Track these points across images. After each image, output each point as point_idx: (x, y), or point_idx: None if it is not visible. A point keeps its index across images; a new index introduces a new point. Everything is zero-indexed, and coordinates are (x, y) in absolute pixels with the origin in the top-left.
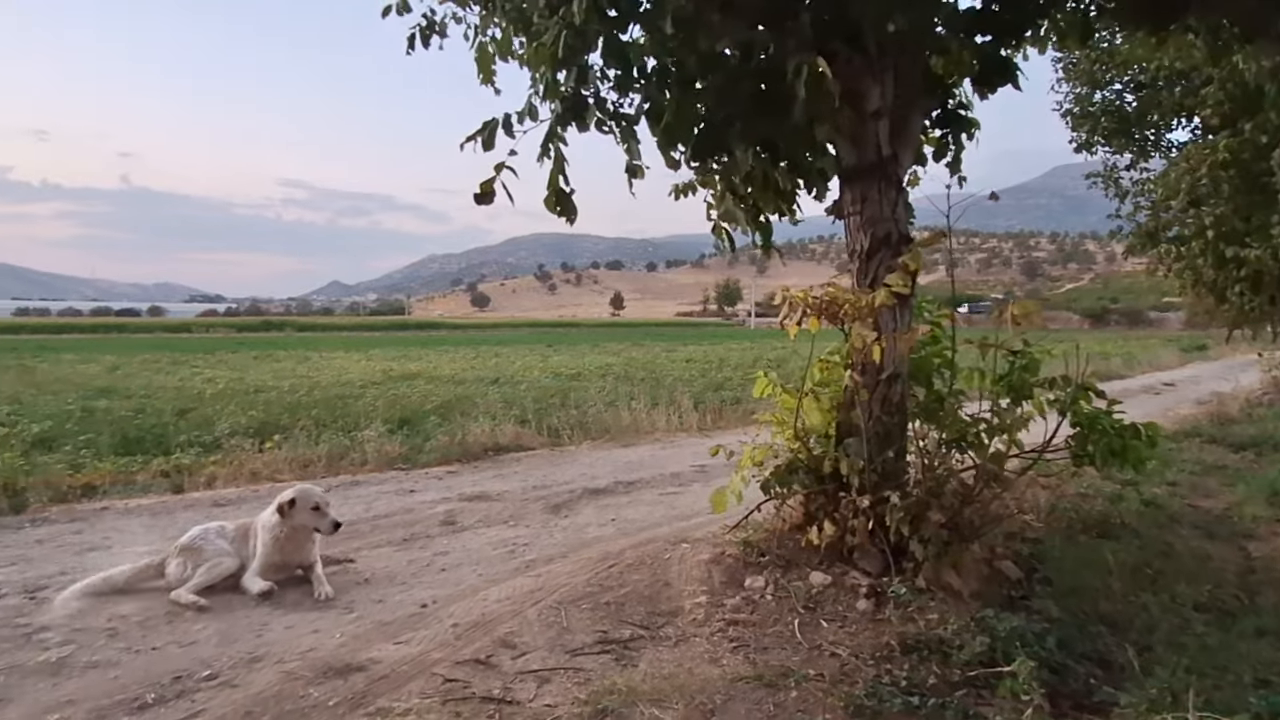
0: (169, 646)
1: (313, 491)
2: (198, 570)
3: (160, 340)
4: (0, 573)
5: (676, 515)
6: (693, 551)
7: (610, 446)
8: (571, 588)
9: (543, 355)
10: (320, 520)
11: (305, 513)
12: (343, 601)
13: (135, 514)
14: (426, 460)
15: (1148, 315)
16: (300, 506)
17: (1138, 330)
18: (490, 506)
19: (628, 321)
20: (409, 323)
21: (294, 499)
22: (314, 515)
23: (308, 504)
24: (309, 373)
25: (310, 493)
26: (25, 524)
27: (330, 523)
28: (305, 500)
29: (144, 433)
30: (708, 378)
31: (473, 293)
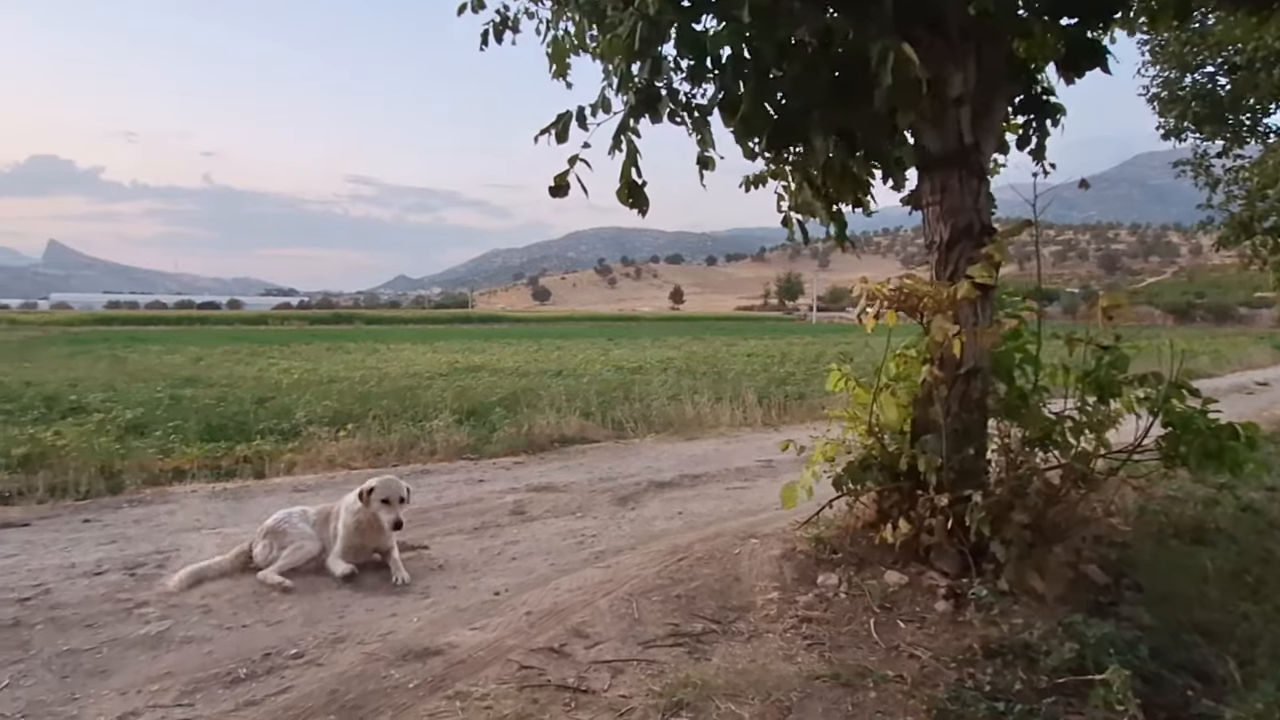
0: (258, 625)
1: (392, 485)
2: (282, 552)
3: (239, 332)
4: (102, 550)
5: (743, 510)
6: (763, 547)
7: (674, 440)
8: (642, 580)
9: (603, 349)
10: (386, 514)
11: (378, 503)
12: (419, 587)
13: (221, 497)
14: (494, 451)
15: (1236, 311)
16: (377, 496)
17: (1225, 327)
18: (558, 497)
19: (687, 315)
20: (472, 316)
21: (374, 488)
22: (384, 508)
23: (382, 495)
24: (377, 364)
25: (389, 485)
26: (123, 504)
27: (392, 520)
28: (382, 491)
29: (227, 420)
30: (770, 372)
31: (534, 286)
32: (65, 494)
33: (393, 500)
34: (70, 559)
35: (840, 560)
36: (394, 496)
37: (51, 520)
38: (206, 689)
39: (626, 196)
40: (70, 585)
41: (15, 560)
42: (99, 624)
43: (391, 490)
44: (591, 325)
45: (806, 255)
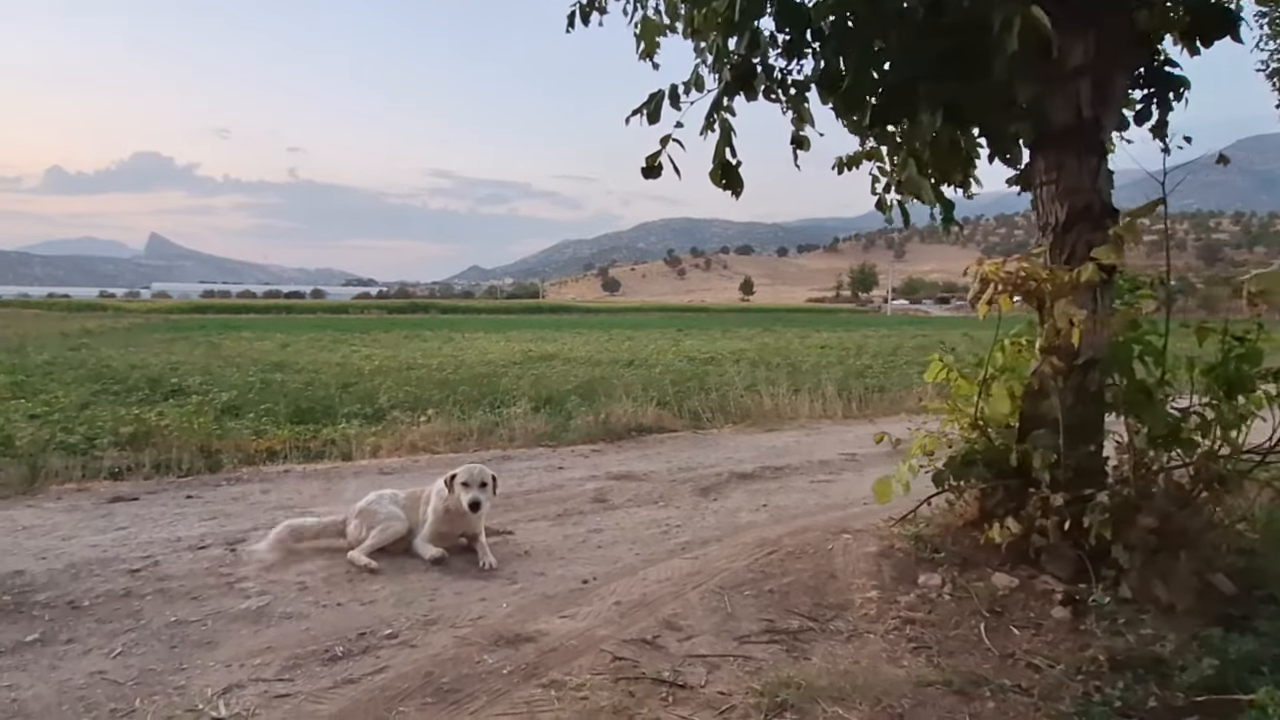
0: (352, 604)
1: (475, 471)
2: (371, 532)
3: (322, 320)
4: (204, 526)
5: (830, 504)
6: (857, 543)
7: (753, 431)
8: (732, 573)
9: (674, 339)
10: (465, 494)
11: (460, 486)
12: (506, 572)
13: (312, 477)
14: (571, 438)
15: None
16: (459, 480)
17: None
18: (639, 486)
19: (757, 307)
20: (543, 306)
21: (457, 473)
22: (464, 490)
23: (463, 480)
24: (454, 352)
25: (472, 471)
26: (222, 482)
27: (469, 499)
28: (463, 476)
29: (314, 403)
30: (846, 365)
31: (604, 277)
32: (169, 471)
33: (473, 484)
34: (176, 533)
35: (942, 560)
36: (475, 481)
37: (158, 495)
38: (305, 665)
39: (720, 177)
40: (176, 558)
41: (126, 533)
42: (203, 597)
43: (473, 475)
44: (660, 316)
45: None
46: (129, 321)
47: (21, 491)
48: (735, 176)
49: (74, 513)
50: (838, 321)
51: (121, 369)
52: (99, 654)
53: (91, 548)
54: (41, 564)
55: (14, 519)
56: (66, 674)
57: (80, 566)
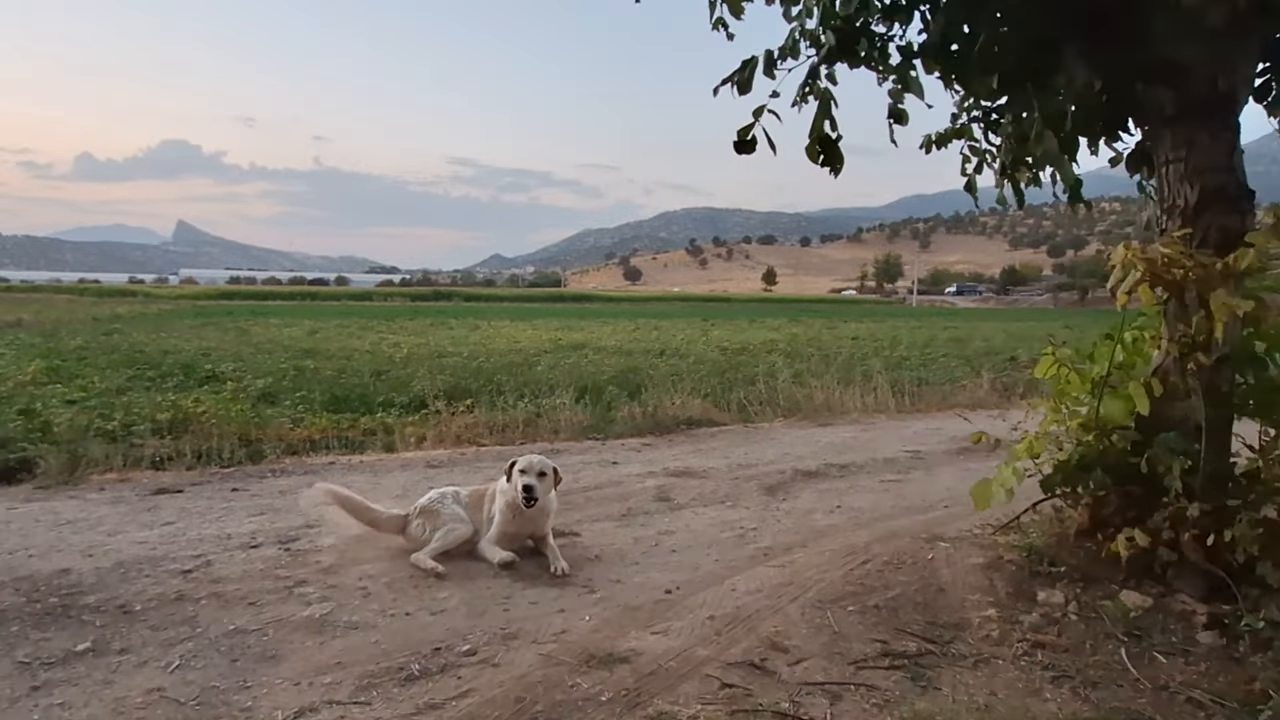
0: (420, 613)
1: (534, 461)
2: (435, 534)
3: (346, 308)
4: (254, 521)
5: (909, 507)
6: (958, 553)
7: (806, 425)
8: (828, 584)
9: (702, 329)
10: (519, 479)
11: (516, 474)
12: (580, 578)
13: (359, 470)
14: (618, 431)
15: None
16: (517, 468)
17: None
18: (701, 484)
19: (779, 297)
20: (565, 294)
21: (515, 461)
22: (521, 478)
23: (520, 468)
24: (481, 340)
25: (530, 461)
26: (267, 474)
27: (524, 484)
28: (522, 464)
29: (349, 391)
30: (881, 357)
31: (625, 266)
32: (210, 461)
33: (530, 472)
34: (225, 529)
35: (1060, 574)
36: (533, 469)
37: (202, 487)
38: (381, 685)
39: (817, 153)
40: (229, 558)
41: (174, 529)
42: (261, 602)
43: (532, 464)
44: (684, 305)
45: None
46: (158, 307)
47: (63, 481)
48: (835, 152)
49: (118, 505)
50: (863, 312)
51: (154, 354)
52: (155, 667)
53: (139, 544)
54: (89, 562)
55: (57, 512)
56: (122, 690)
57: (129, 566)
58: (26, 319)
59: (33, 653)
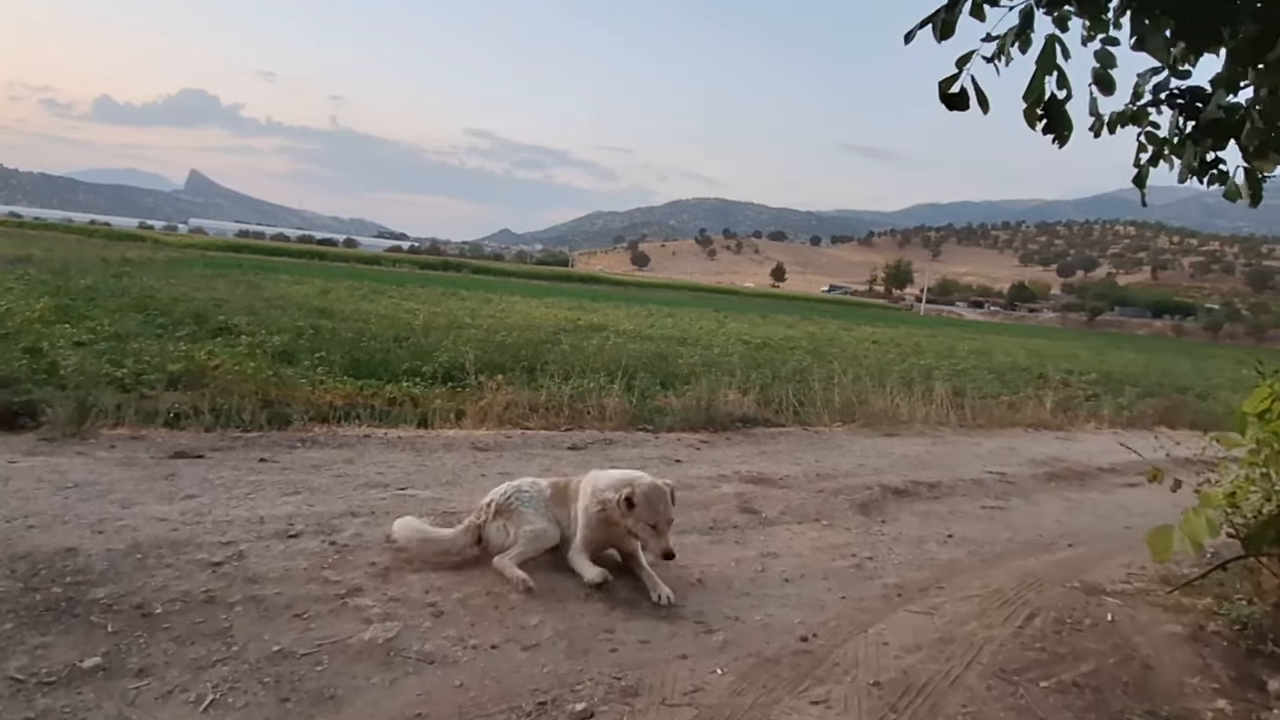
0: (509, 646)
1: (660, 494)
2: (518, 537)
3: (355, 270)
4: (289, 503)
5: (1029, 543)
6: (1140, 614)
7: (869, 434)
8: (1000, 646)
9: (716, 320)
10: (655, 541)
11: (642, 525)
12: (689, 610)
13: (398, 447)
14: (670, 424)
15: None
16: (641, 515)
17: None
18: (786, 495)
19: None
20: (573, 274)
21: (637, 500)
22: (648, 532)
23: (649, 518)
24: (495, 313)
25: (658, 499)
26: (296, 443)
27: (663, 549)
28: (647, 510)
29: (370, 356)
30: (908, 364)
31: (633, 251)
32: (230, 422)
33: (661, 519)
34: (257, 510)
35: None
36: (664, 514)
37: (225, 454)
38: None
39: (1036, 116)
40: (264, 549)
41: (197, 504)
42: (309, 614)
43: (662, 503)
44: (692, 295)
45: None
46: (167, 254)
47: (70, 433)
48: (1061, 116)
49: (131, 468)
50: (872, 316)
51: (165, 301)
52: (183, 701)
53: (159, 522)
54: (99, 541)
55: (63, 471)
56: None
57: (147, 550)
58: (36, 255)
59: (28, 665)
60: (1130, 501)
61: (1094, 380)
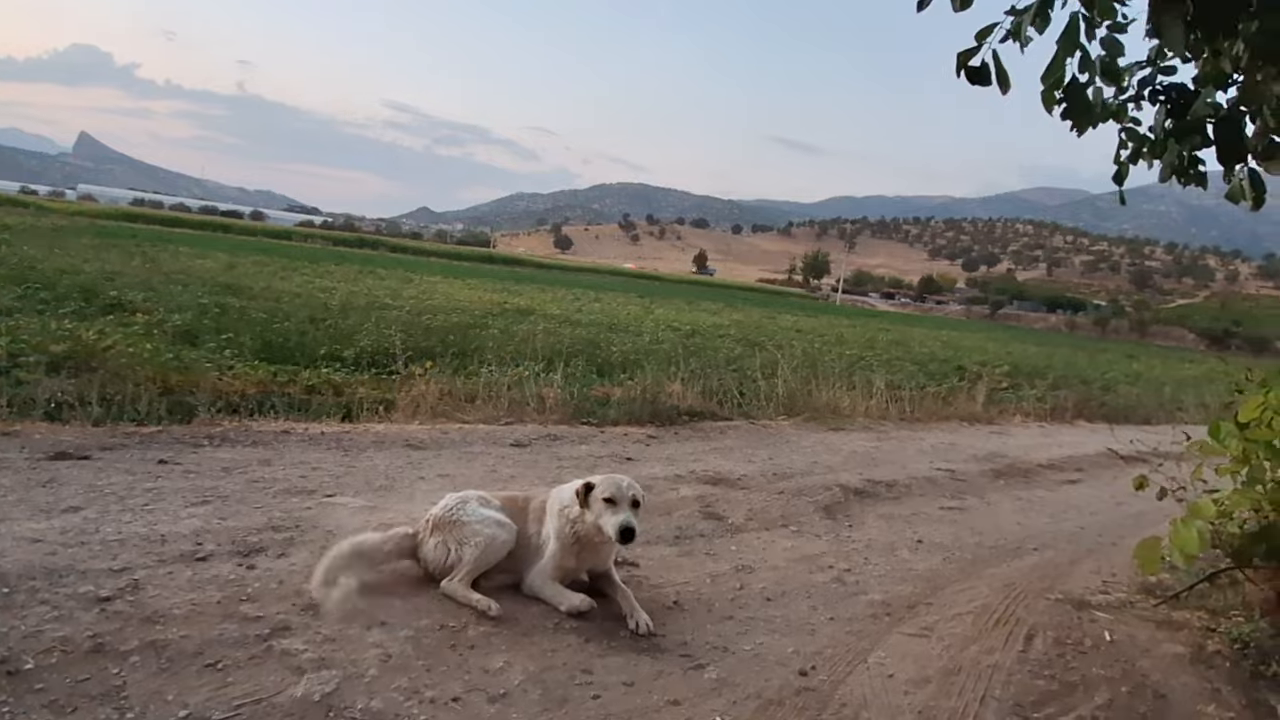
0: (474, 697)
1: (620, 483)
2: (464, 551)
3: (263, 244)
4: (196, 515)
5: (996, 547)
6: (1138, 633)
7: (815, 428)
8: (1008, 675)
9: (644, 306)
10: (611, 515)
11: (601, 502)
12: (671, 640)
13: (321, 444)
14: (614, 417)
15: (1275, 344)
16: (600, 493)
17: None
18: (748, 498)
19: (708, 281)
20: (495, 256)
21: (595, 484)
22: (608, 509)
23: (606, 493)
24: (417, 294)
25: (617, 484)
26: (202, 441)
27: (619, 523)
28: (607, 488)
29: (284, 338)
30: (835, 354)
31: (556, 234)
32: (123, 414)
33: (621, 501)
34: (156, 525)
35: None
36: (624, 497)
37: (117, 454)
38: None
39: (1055, 101)
40: (166, 578)
41: (81, 519)
42: (225, 664)
43: (621, 490)
44: (616, 280)
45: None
46: (52, 222)
47: None
48: (1083, 101)
49: (1, 472)
50: (791, 305)
51: (49, 273)
52: None
53: (32, 544)
54: None
55: None
56: None
57: (15, 582)
58: None
59: None
60: (1076, 499)
61: (1007, 373)
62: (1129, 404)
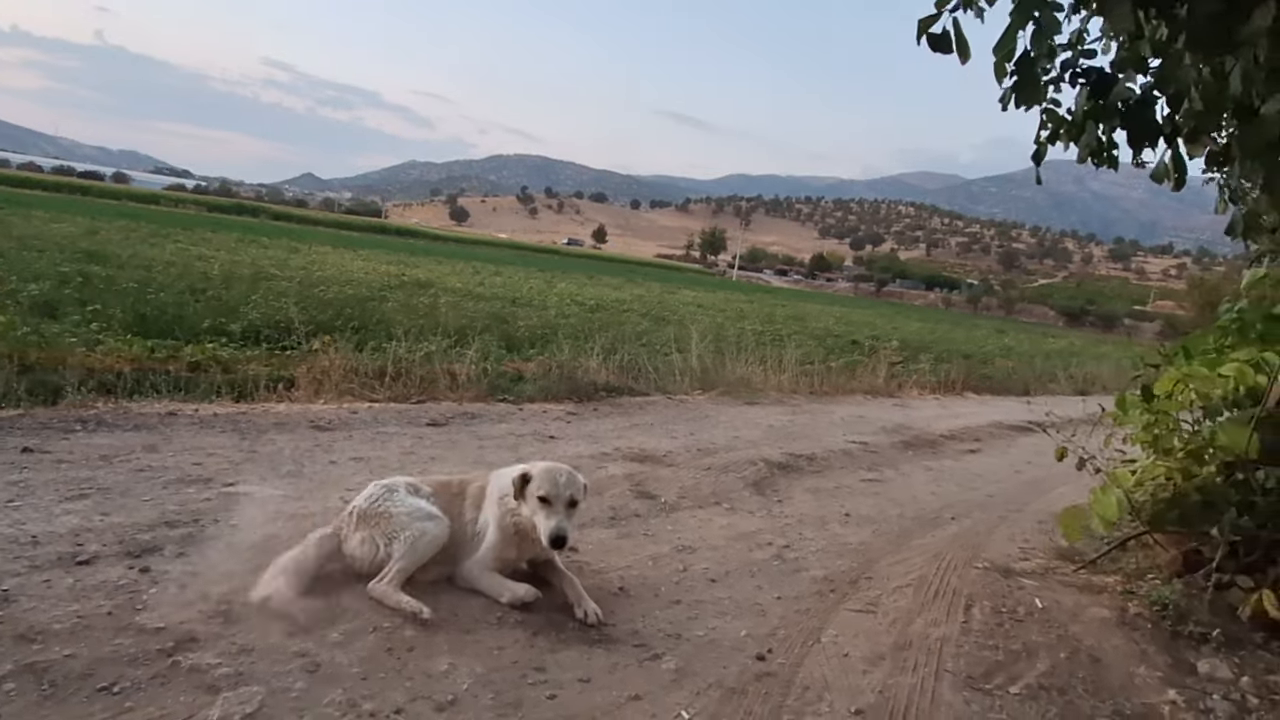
0: (419, 707)
1: (557, 476)
2: (395, 546)
3: (128, 209)
4: (73, 511)
5: (917, 517)
6: (1064, 598)
7: (730, 402)
8: (955, 647)
9: (545, 280)
10: (545, 520)
11: (535, 500)
12: (622, 630)
13: (215, 427)
14: (530, 393)
15: (1123, 321)
16: (536, 488)
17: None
18: (677, 475)
19: (607, 256)
20: (388, 226)
21: (533, 476)
22: (542, 509)
23: (543, 490)
24: (305, 265)
25: (558, 478)
26: (74, 426)
27: (551, 530)
28: (545, 483)
29: (160, 311)
30: (737, 328)
31: (452, 205)
32: None
33: (558, 500)
34: (24, 526)
35: (1200, 636)
36: (561, 495)
37: None
38: None
39: (1006, 73)
40: (43, 587)
41: None
42: (124, 685)
43: (559, 485)
44: (514, 254)
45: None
46: None
47: None
48: (1033, 75)
49: None
50: (689, 280)
51: None
52: None
53: None
54: None
55: None
56: None
57: None
58: None
59: None
60: (979, 468)
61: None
62: (1008, 376)
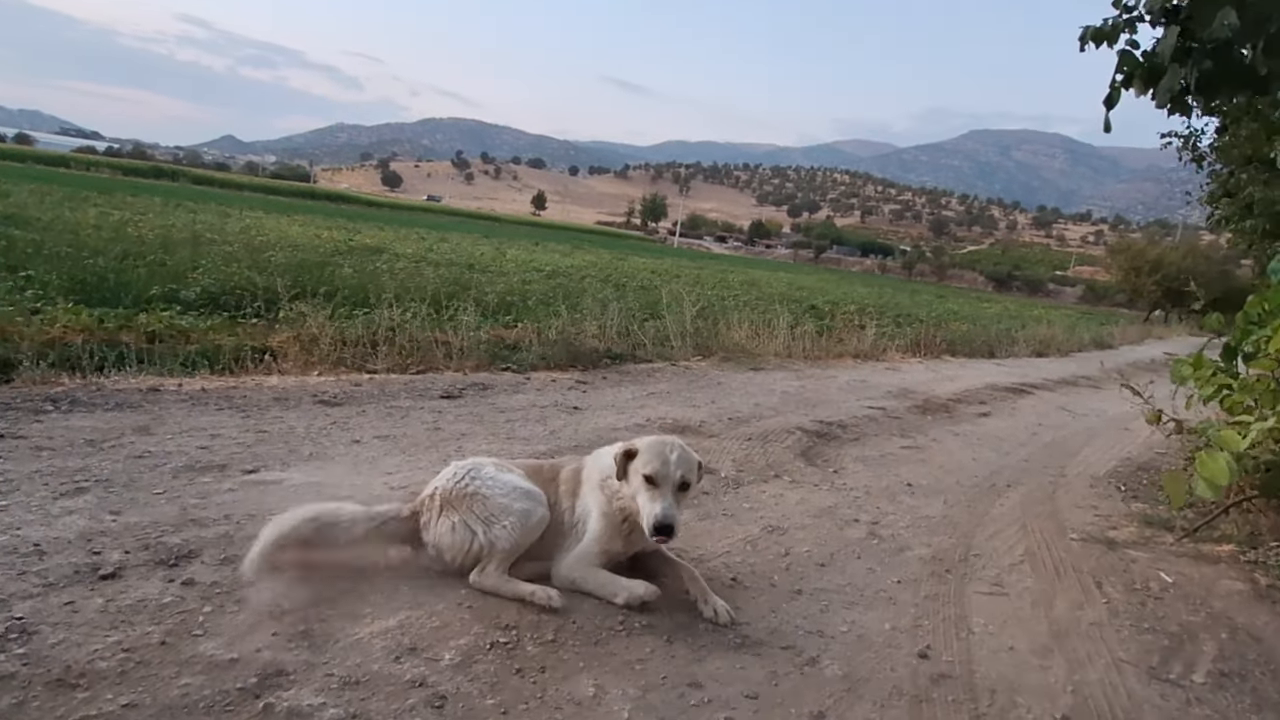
0: None
1: (667, 452)
2: (495, 532)
3: (35, 171)
4: (77, 510)
5: (974, 486)
6: (1195, 573)
7: (735, 369)
8: (1113, 633)
9: (495, 247)
10: (650, 503)
11: (640, 479)
12: (759, 629)
13: (209, 404)
14: (532, 362)
15: (1047, 286)
16: (641, 465)
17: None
18: (722, 446)
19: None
20: (317, 191)
21: (636, 448)
22: (647, 489)
23: (650, 467)
24: (242, 230)
25: (663, 453)
26: (45, 405)
27: (657, 515)
28: (653, 460)
29: (98, 276)
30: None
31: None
32: None
33: (666, 481)
34: (21, 531)
35: None
36: (671, 475)
37: None
38: None
39: None
40: (67, 611)
41: None
42: None
43: (669, 463)
44: (453, 220)
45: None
46: None
47: None
48: None
49: None
50: (632, 247)
51: None
52: None
53: None
54: None
55: None
56: None
57: None
58: None
59: None
60: (997, 431)
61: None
62: (969, 340)
